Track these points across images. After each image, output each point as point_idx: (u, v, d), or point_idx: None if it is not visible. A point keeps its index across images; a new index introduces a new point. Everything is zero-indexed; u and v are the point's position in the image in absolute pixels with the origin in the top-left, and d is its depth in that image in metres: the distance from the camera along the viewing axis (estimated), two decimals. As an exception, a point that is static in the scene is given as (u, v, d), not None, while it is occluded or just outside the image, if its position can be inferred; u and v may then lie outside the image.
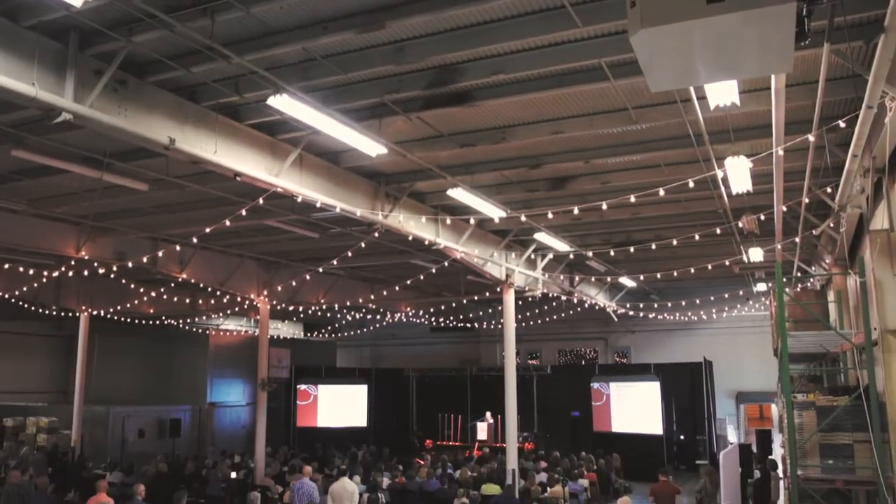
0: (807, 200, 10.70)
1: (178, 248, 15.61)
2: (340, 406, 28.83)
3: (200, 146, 8.67)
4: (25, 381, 26.63)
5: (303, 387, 28.66)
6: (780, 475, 15.21)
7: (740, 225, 13.15)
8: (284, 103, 7.77)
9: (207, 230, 12.38)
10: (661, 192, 10.05)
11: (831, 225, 11.49)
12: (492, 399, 22.50)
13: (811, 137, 8.04)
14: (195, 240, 14.22)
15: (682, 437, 24.21)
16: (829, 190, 10.44)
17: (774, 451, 18.60)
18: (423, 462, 18.86)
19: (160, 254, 15.70)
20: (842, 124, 7.64)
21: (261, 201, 10.78)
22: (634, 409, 24.39)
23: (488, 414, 24.46)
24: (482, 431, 24.48)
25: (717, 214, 13.85)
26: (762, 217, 12.17)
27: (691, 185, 9.68)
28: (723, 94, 7.25)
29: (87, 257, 15.38)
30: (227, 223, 11.96)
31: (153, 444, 23.54)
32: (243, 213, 11.41)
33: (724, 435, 24.47)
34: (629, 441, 23.50)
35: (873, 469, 8.78)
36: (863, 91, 6.53)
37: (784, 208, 10.86)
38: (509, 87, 8.57)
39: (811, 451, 9.43)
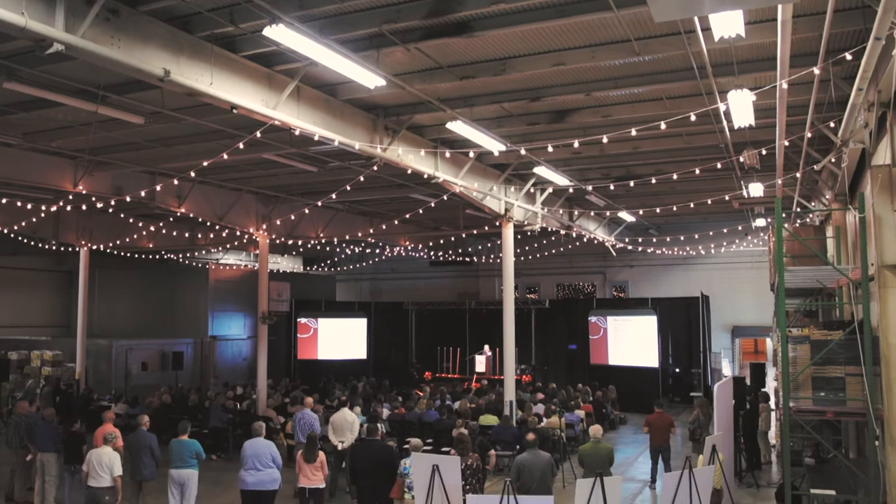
0: (809, 135, 10.61)
1: (175, 182, 15.54)
2: (340, 339, 29.22)
3: (196, 78, 8.54)
4: (28, 316, 26.89)
5: (303, 320, 28.99)
6: (773, 406, 15.54)
7: (741, 159, 13.08)
8: (280, 34, 7.61)
9: (205, 164, 12.31)
10: (663, 126, 9.95)
11: (833, 160, 11.42)
12: (490, 332, 22.77)
13: (816, 70, 7.91)
14: (193, 174, 14.16)
15: (677, 371, 24.61)
16: (832, 124, 10.34)
17: (768, 384, 18.92)
18: (422, 393, 19.20)
19: (158, 188, 15.64)
20: (848, 57, 7.51)
21: (258, 134, 10.68)
22: (631, 342, 24.73)
23: (486, 347, 24.80)
24: (480, 364, 24.86)
25: (718, 149, 13.76)
26: (763, 152, 12.10)
27: (693, 118, 9.58)
28: (728, 24, 7.09)
29: (84, 192, 15.32)
30: (225, 156, 11.88)
31: (156, 376, 23.94)
32: (241, 146, 11.31)
33: (719, 368, 24.88)
34: (625, 374, 23.91)
35: (864, 401, 8.95)
36: (871, 22, 6.39)
37: (786, 143, 10.77)
38: (509, 17, 8.38)
39: (804, 383, 9.59)
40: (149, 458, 11.15)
